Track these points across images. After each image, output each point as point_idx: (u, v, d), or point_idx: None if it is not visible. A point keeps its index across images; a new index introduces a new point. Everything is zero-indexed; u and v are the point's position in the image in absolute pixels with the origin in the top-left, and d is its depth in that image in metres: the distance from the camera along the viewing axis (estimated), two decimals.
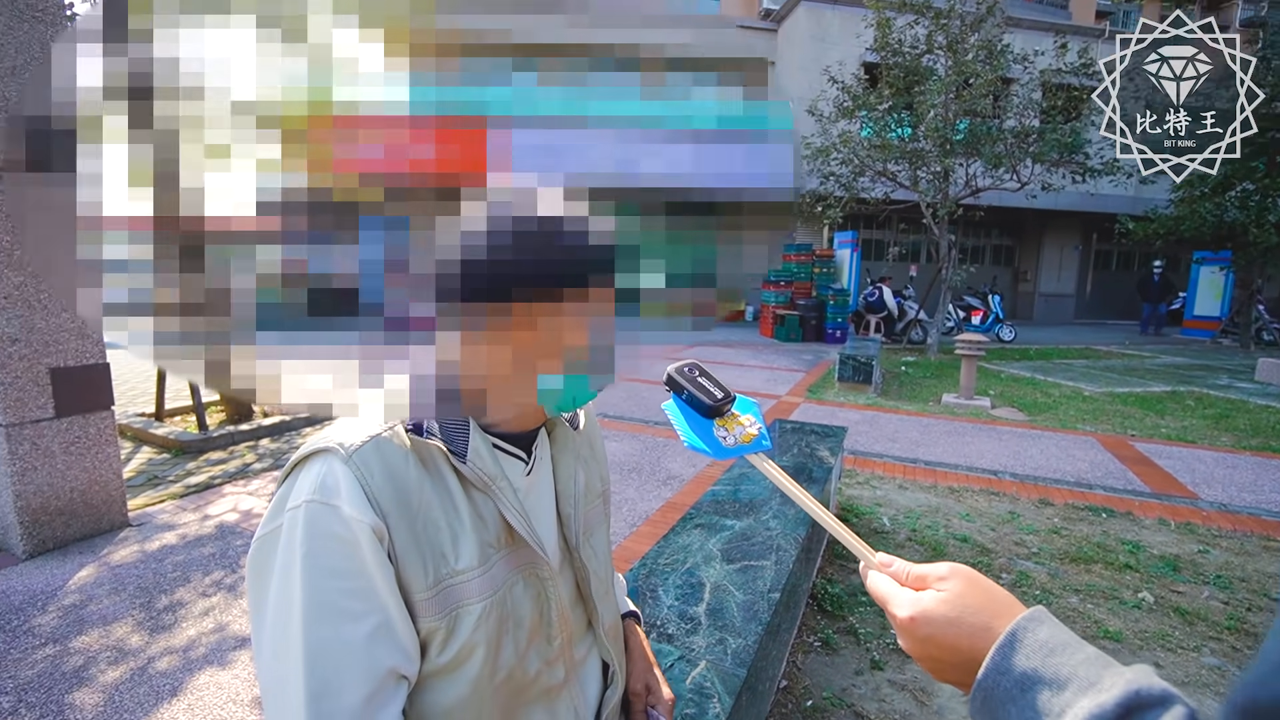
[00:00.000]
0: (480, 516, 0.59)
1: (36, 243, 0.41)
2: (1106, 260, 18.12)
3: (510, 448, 0.63)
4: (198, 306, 0.40)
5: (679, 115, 0.46)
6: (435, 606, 0.55)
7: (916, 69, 9.30)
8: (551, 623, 0.64)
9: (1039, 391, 7.14)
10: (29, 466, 2.81)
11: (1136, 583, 2.79)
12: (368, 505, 0.51)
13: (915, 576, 0.48)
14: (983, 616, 0.43)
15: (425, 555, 0.54)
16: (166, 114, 0.37)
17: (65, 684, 2.01)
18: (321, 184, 0.39)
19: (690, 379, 0.62)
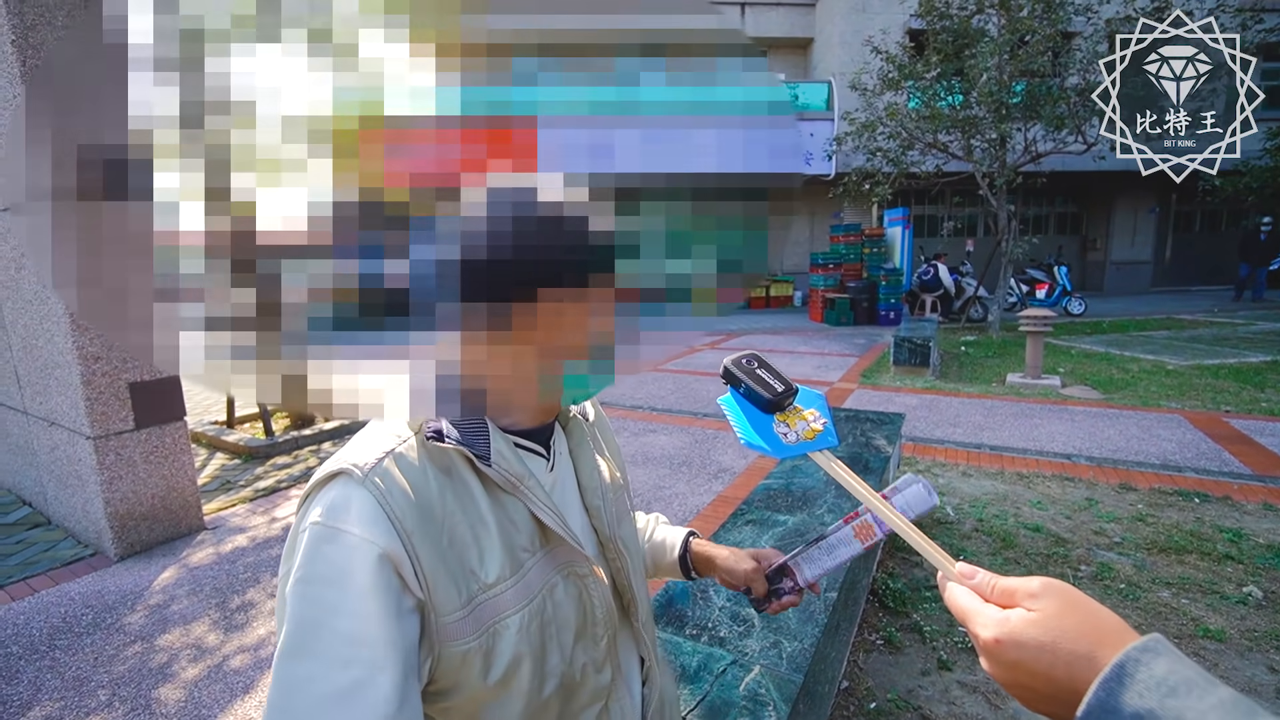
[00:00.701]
0: (510, 521, 0.56)
1: (106, 266, 0.43)
2: (1188, 222, 16.69)
3: (531, 445, 0.61)
4: (252, 320, 0.41)
5: (709, 101, 0.45)
6: (470, 626, 0.52)
7: (966, 31, 8.76)
8: (597, 620, 0.62)
9: (1115, 367, 6.65)
10: (115, 475, 3.01)
11: (1240, 575, 2.54)
12: (390, 528, 0.48)
13: (1002, 590, 0.43)
14: (1084, 643, 0.37)
15: (455, 573, 0.51)
16: (219, 134, 0.38)
17: (152, 679, 2.13)
18: (373, 191, 0.40)
19: (748, 371, 0.58)
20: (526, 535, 0.56)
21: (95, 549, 3.14)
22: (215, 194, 0.39)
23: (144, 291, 0.41)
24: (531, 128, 0.41)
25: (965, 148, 9.29)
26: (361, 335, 0.43)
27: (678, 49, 0.44)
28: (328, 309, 0.41)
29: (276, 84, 0.38)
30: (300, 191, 0.39)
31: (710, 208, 0.47)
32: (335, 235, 0.40)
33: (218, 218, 0.39)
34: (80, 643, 2.35)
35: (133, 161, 0.38)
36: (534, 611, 0.55)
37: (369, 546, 0.47)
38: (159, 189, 0.39)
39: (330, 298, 0.41)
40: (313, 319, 0.41)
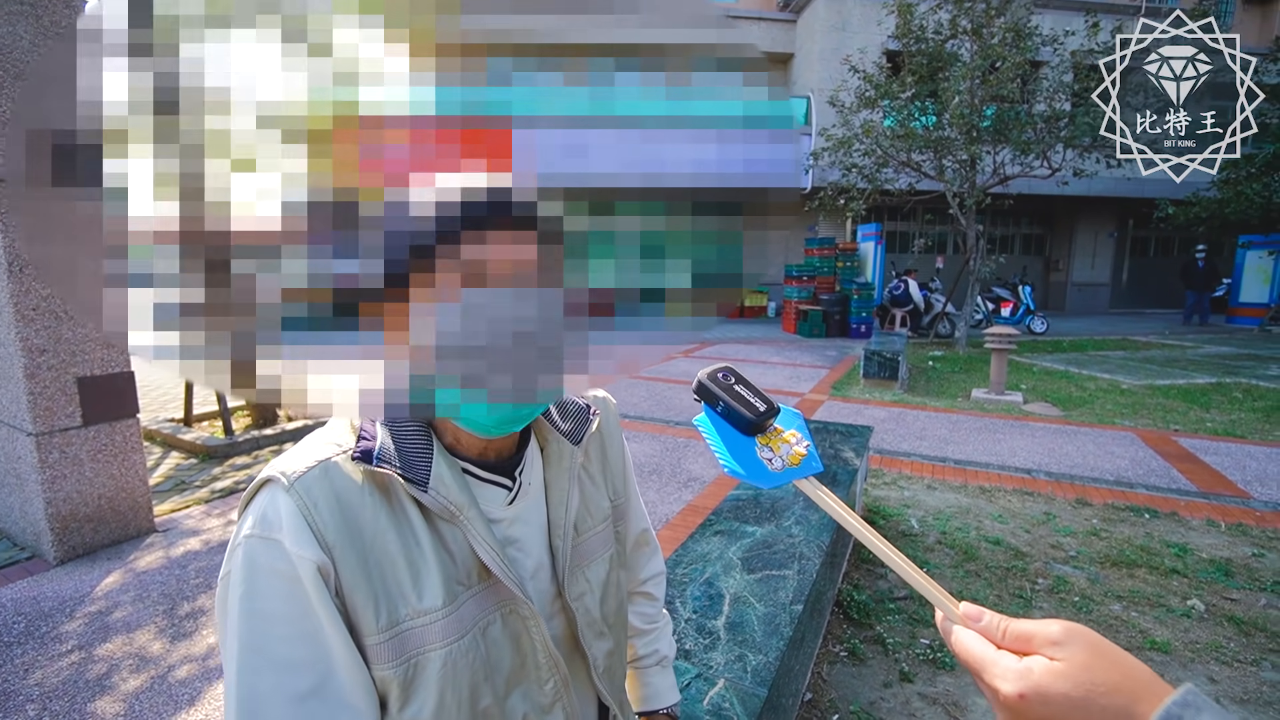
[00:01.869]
0: (447, 550, 0.53)
1: (59, 255, 0.42)
2: (1144, 247, 17.46)
3: (486, 475, 0.57)
4: (223, 314, 0.40)
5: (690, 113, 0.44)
6: (389, 652, 0.49)
7: (940, 55, 9.03)
8: (540, 665, 0.58)
9: (1074, 385, 6.88)
10: (59, 474, 2.87)
11: (1185, 589, 2.64)
12: (311, 538, 0.47)
13: (1015, 635, 0.39)
14: (1118, 698, 0.34)
15: (378, 594, 0.49)
16: (192, 125, 0.37)
17: (88, 692, 2.02)
18: (347, 189, 0.39)
19: (726, 387, 0.52)
20: (464, 568, 0.53)
21: (33, 552, 2.98)
22: (187, 184, 0.37)
23: (114, 278, 0.39)
24: (506, 128, 0.40)
25: (937, 167, 9.55)
26: (332, 334, 0.42)
27: (654, 57, 0.43)
28: (300, 307, 0.40)
29: (250, 75, 0.37)
30: (272, 185, 0.38)
31: (675, 219, 0.46)
32: (306, 232, 0.39)
33: (188, 208, 0.38)
34: (9, 653, 2.22)
35: (96, 147, 0.37)
36: (463, 649, 0.52)
37: (302, 560, 0.46)
38: (123, 176, 0.37)
39: (303, 296, 0.40)
40: (286, 317, 0.40)
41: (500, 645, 0.55)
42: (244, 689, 0.45)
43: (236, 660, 0.45)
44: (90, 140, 0.37)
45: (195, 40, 0.36)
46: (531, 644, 0.58)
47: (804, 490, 0.49)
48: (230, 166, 0.37)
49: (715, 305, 0.49)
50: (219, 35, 0.36)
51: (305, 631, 0.46)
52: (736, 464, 0.50)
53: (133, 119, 0.36)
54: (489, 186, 0.41)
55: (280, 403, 0.44)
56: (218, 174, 0.37)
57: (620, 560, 0.72)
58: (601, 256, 0.47)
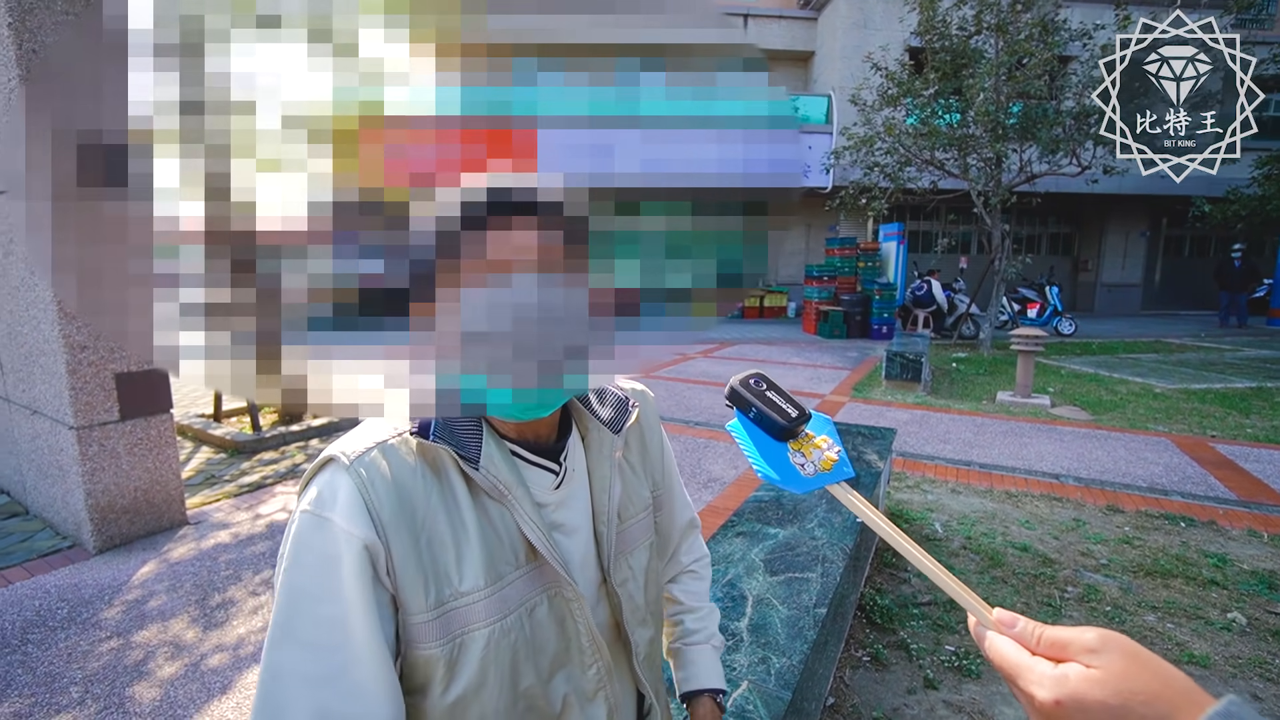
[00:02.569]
0: (495, 530, 0.54)
1: (96, 256, 0.42)
2: (1178, 246, 16.95)
3: (535, 458, 0.58)
4: (248, 314, 0.40)
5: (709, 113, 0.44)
6: (437, 630, 0.51)
7: (964, 51, 8.87)
8: (583, 649, 0.59)
9: (1104, 389, 6.71)
10: (98, 467, 2.96)
11: (1224, 601, 2.56)
12: (366, 517, 0.49)
13: (1050, 642, 0.39)
14: (1158, 706, 0.34)
15: (427, 573, 0.51)
16: (218, 126, 0.37)
17: (126, 677, 2.09)
18: (373, 190, 0.39)
19: (758, 393, 0.52)
20: (511, 548, 0.55)
21: (74, 541, 3.08)
22: (213, 187, 0.38)
23: (139, 282, 0.40)
24: (531, 128, 0.41)
25: (961, 166, 9.39)
26: (359, 334, 0.42)
27: (678, 58, 0.43)
28: (325, 308, 0.41)
29: (276, 80, 0.37)
30: (299, 188, 0.38)
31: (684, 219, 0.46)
32: (332, 232, 0.39)
33: (215, 211, 0.38)
34: (54, 637, 2.30)
35: (131, 148, 0.38)
36: (506, 629, 0.53)
37: (349, 537, 0.48)
38: (155, 179, 0.38)
39: (328, 296, 0.40)
40: (312, 318, 0.41)
41: (546, 627, 0.56)
42: (269, 661, 0.47)
43: (270, 630, 0.48)
44: (117, 141, 0.38)
45: (221, 41, 0.37)
46: (576, 628, 0.58)
47: (837, 496, 0.50)
48: (255, 167, 0.38)
49: (722, 305, 0.49)
50: (245, 36, 0.37)
51: (333, 616, 0.47)
52: (771, 469, 0.50)
53: (159, 120, 0.37)
54: (514, 186, 0.41)
55: (305, 404, 0.44)
56: (243, 174, 0.38)
57: (659, 550, 0.73)
58: (622, 255, 0.47)
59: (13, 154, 0.40)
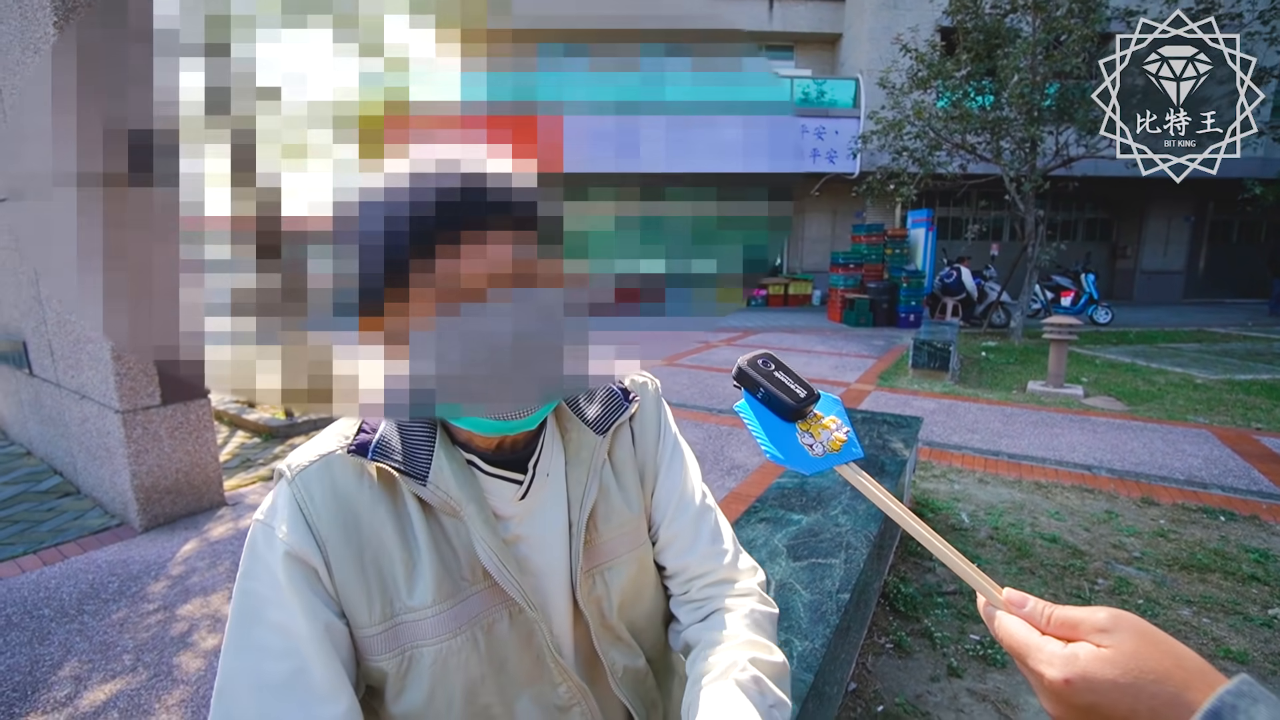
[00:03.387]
0: (450, 544, 0.53)
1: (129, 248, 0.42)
2: (1225, 231, 16.22)
3: (494, 470, 0.55)
4: (275, 305, 0.40)
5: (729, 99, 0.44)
6: (385, 643, 0.50)
7: (998, 31, 8.57)
8: (549, 668, 0.56)
9: (1140, 379, 6.51)
10: (142, 449, 3.09)
11: (1265, 597, 2.48)
12: (305, 529, 0.49)
13: (1060, 621, 0.38)
14: (1168, 685, 0.33)
15: (372, 587, 0.50)
16: (245, 119, 0.37)
17: (173, 646, 2.19)
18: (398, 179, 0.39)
19: (766, 374, 0.51)
20: (468, 563, 0.53)
21: (121, 519, 3.23)
22: (241, 179, 0.38)
23: (168, 275, 0.40)
24: (557, 114, 0.41)
25: (994, 149, 9.11)
26: (336, 331, 0.41)
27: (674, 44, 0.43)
28: (331, 299, 0.40)
29: (302, 70, 0.37)
30: (324, 178, 0.38)
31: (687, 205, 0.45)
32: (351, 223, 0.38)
33: (243, 203, 0.38)
34: (106, 609, 2.42)
35: (159, 145, 0.38)
36: (457, 647, 0.52)
37: (289, 548, 0.48)
38: (184, 173, 0.38)
39: (332, 288, 0.40)
40: (334, 306, 0.40)
41: (507, 643, 0.54)
42: (223, 667, 0.47)
43: (226, 637, 0.48)
44: (145, 138, 0.38)
45: (247, 39, 0.37)
46: (541, 645, 0.56)
47: (845, 476, 0.50)
48: (282, 155, 0.38)
49: (733, 293, 0.48)
50: (270, 34, 0.37)
51: (282, 622, 0.47)
52: (778, 450, 0.50)
53: (186, 115, 0.37)
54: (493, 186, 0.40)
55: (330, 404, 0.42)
56: (268, 165, 0.38)
57: (673, 559, 0.66)
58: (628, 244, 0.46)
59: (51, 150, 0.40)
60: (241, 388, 0.41)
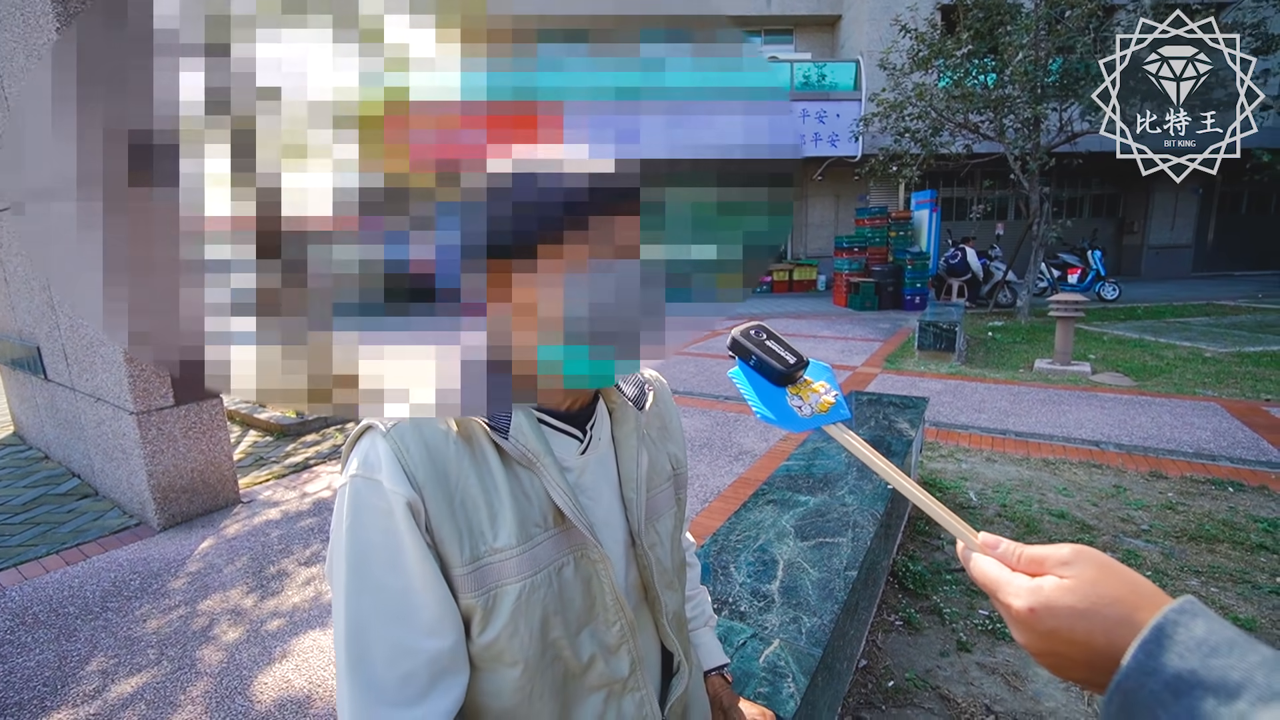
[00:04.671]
0: (525, 494, 0.58)
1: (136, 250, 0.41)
2: (1234, 203, 15.99)
3: (561, 425, 0.62)
4: (277, 305, 0.40)
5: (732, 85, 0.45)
6: (473, 583, 0.55)
7: (1000, 7, 8.45)
8: (607, 607, 0.62)
9: (1149, 354, 6.47)
10: (157, 449, 3.14)
11: (1274, 565, 2.49)
12: (404, 477, 0.53)
13: (1029, 559, 0.42)
14: (1121, 608, 0.37)
15: (461, 530, 0.55)
16: (245, 119, 0.37)
17: (195, 641, 2.25)
18: (399, 177, 0.40)
19: (758, 342, 0.56)
20: (540, 511, 0.58)
21: (139, 519, 3.29)
22: (241, 179, 0.38)
23: (170, 276, 0.40)
24: (557, 113, 0.41)
25: (997, 128, 9.01)
26: (387, 322, 0.42)
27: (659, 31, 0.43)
28: (354, 295, 0.40)
29: (302, 69, 0.38)
30: (326, 177, 0.38)
31: (714, 191, 0.47)
32: (361, 220, 0.39)
33: (243, 203, 0.38)
34: (129, 605, 2.48)
35: (160, 147, 0.38)
36: (536, 585, 0.57)
37: (395, 495, 0.52)
38: (185, 174, 0.38)
39: (356, 284, 0.40)
40: (339, 305, 0.41)
41: (572, 585, 0.60)
42: (351, 607, 0.52)
43: (345, 584, 0.52)
44: (145, 140, 0.38)
45: (247, 39, 0.37)
46: (600, 587, 0.61)
47: (833, 435, 0.53)
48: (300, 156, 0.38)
49: (747, 279, 0.50)
50: (270, 34, 0.37)
51: (397, 562, 0.52)
52: (768, 410, 0.54)
53: (187, 117, 0.37)
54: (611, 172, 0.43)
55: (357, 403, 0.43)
56: (292, 164, 0.38)
57: (681, 521, 0.77)
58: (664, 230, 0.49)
59: (54, 154, 0.40)
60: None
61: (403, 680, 0.51)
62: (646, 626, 0.69)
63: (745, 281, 0.50)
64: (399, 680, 0.51)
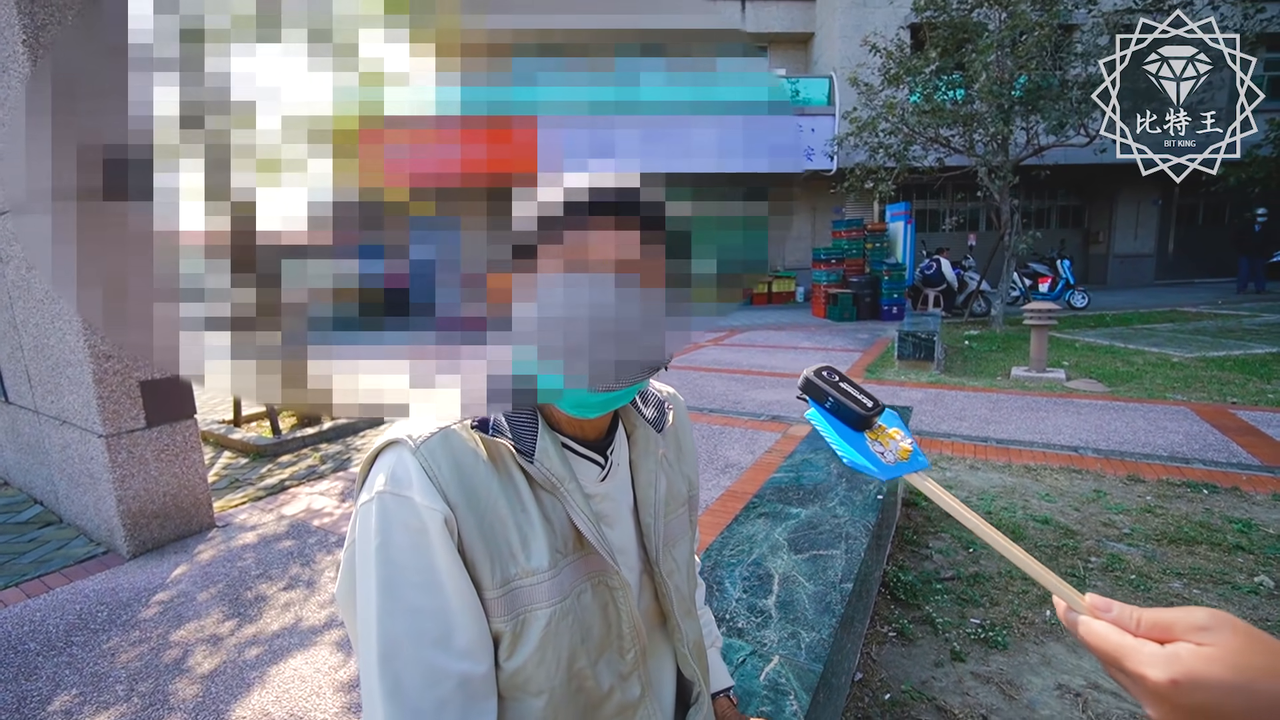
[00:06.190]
0: (548, 519, 0.57)
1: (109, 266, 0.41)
2: (1191, 214, 16.65)
3: (584, 450, 0.61)
4: (251, 320, 0.39)
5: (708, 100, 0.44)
6: (503, 607, 0.53)
7: (966, 26, 8.73)
8: (623, 635, 0.61)
9: (1120, 360, 6.65)
10: (127, 473, 3.02)
11: (1251, 565, 2.55)
12: (437, 494, 0.51)
13: (1152, 624, 0.37)
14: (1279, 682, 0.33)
15: (492, 552, 0.53)
16: (219, 133, 0.37)
17: (167, 674, 2.15)
18: (373, 191, 0.39)
19: (833, 384, 0.54)
20: (562, 537, 0.57)
21: (107, 547, 3.15)
22: (216, 193, 0.37)
23: (147, 291, 0.39)
24: (532, 127, 0.41)
25: (967, 142, 9.27)
26: (385, 335, 0.41)
27: (676, 46, 0.43)
28: (334, 309, 0.40)
29: (276, 84, 0.37)
30: (300, 191, 0.38)
31: (711, 206, 0.47)
32: (337, 235, 0.39)
33: (218, 218, 0.38)
34: (96, 639, 2.36)
35: (134, 161, 0.37)
36: (565, 610, 0.56)
37: (430, 512, 0.50)
38: (159, 189, 0.37)
39: (351, 297, 0.40)
40: (314, 319, 0.40)
41: (590, 612, 0.58)
42: (383, 631, 0.49)
43: (376, 606, 0.49)
44: (121, 154, 0.37)
45: (221, 53, 0.37)
46: (617, 613, 0.60)
47: (916, 485, 0.51)
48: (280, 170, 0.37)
49: (738, 291, 0.50)
50: (244, 48, 0.37)
51: (431, 582, 0.50)
52: (860, 457, 0.51)
53: (160, 130, 0.37)
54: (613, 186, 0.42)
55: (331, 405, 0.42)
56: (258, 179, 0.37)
57: (694, 544, 0.76)
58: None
59: (25, 167, 0.39)
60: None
61: (439, 706, 0.49)
62: (665, 654, 0.68)
63: (731, 296, 0.49)
64: (435, 706, 0.49)
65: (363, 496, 0.52)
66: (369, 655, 0.49)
